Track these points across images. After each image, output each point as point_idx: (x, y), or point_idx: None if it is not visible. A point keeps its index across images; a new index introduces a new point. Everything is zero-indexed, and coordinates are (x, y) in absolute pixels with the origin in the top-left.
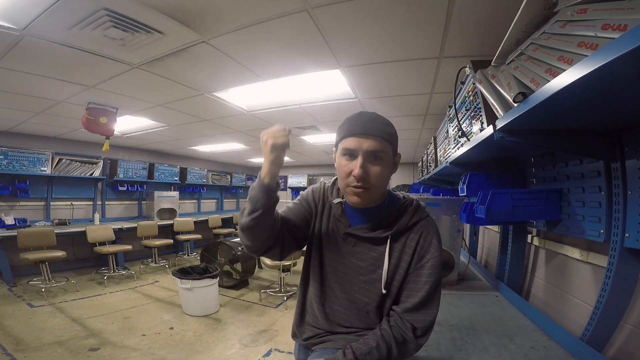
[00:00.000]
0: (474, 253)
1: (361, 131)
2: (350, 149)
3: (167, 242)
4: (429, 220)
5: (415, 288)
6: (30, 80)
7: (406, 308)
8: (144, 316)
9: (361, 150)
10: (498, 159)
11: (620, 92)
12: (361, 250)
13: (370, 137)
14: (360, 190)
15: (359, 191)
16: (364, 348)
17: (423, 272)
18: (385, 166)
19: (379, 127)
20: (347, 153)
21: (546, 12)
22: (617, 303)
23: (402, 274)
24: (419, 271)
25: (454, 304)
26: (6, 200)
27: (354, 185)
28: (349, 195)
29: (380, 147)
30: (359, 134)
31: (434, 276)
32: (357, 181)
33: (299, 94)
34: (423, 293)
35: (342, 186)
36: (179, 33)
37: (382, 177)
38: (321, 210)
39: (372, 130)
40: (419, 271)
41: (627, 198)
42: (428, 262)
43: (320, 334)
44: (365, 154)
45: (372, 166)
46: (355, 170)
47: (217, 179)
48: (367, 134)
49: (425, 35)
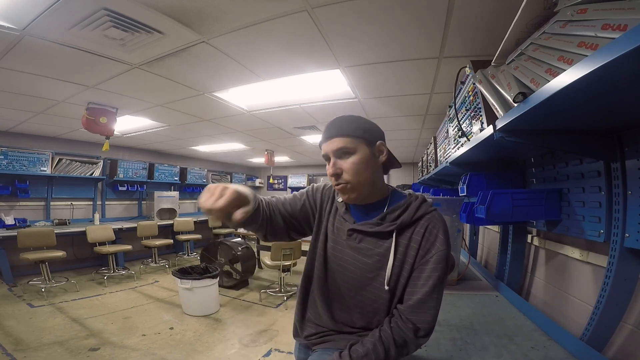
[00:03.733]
0: (474, 253)
1: (326, 137)
2: (324, 155)
3: (167, 242)
4: (435, 214)
5: (418, 284)
6: (30, 80)
7: (409, 306)
8: (144, 316)
9: (329, 151)
10: (498, 159)
11: (620, 92)
12: (367, 246)
13: (331, 138)
14: (342, 186)
15: (341, 187)
16: (361, 351)
17: (427, 268)
18: (356, 158)
19: (338, 127)
20: (325, 159)
21: (546, 12)
22: (617, 303)
23: (409, 269)
24: (423, 266)
25: (454, 304)
26: (6, 200)
27: (335, 184)
28: (340, 194)
29: (343, 144)
30: (325, 139)
31: (438, 271)
32: (334, 179)
33: (299, 94)
34: (426, 289)
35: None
36: (179, 33)
37: (358, 168)
38: (328, 209)
39: (332, 132)
40: (423, 266)
41: (627, 198)
42: (433, 257)
43: (323, 332)
44: (334, 153)
45: (343, 161)
46: (329, 169)
47: (217, 179)
48: (329, 137)
49: (425, 35)
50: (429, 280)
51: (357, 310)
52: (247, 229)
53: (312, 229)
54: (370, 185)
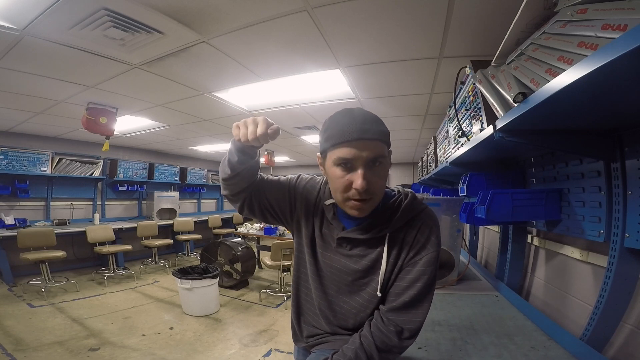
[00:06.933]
0: (474, 253)
1: (357, 137)
2: (346, 159)
3: (167, 242)
4: (427, 212)
5: (404, 286)
6: (30, 80)
7: (393, 307)
8: (144, 316)
9: (361, 159)
10: (498, 159)
11: (620, 92)
12: (358, 253)
13: (369, 142)
14: (363, 202)
15: (362, 205)
16: None
17: (415, 269)
18: (386, 170)
19: (376, 128)
20: (343, 163)
21: (546, 12)
22: (617, 303)
23: (397, 272)
24: (411, 268)
25: (454, 304)
26: (6, 200)
27: (357, 199)
28: (349, 208)
29: (380, 152)
30: (355, 140)
31: (427, 273)
32: (359, 194)
33: (299, 94)
34: (414, 292)
35: (340, 199)
36: (179, 33)
37: (384, 183)
38: (313, 210)
39: (369, 134)
40: (411, 268)
41: (627, 198)
42: (422, 259)
43: (320, 335)
44: (367, 163)
45: (374, 175)
46: (358, 182)
47: (217, 179)
48: (364, 139)
49: (425, 35)
50: (416, 283)
51: (351, 314)
52: (236, 179)
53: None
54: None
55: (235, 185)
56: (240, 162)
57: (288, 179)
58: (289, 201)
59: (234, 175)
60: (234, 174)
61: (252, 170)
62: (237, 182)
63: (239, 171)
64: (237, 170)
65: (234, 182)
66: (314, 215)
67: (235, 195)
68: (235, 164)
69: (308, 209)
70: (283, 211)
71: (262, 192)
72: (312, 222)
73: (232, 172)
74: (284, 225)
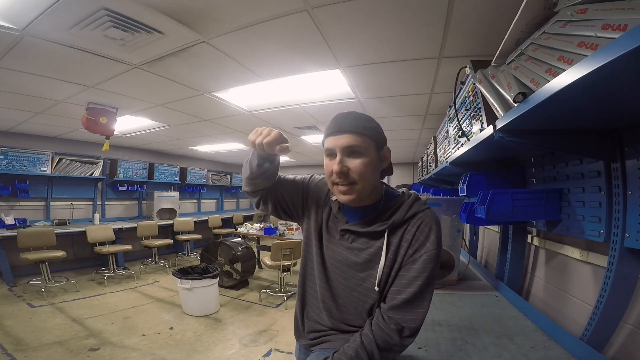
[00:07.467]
0: (474, 253)
1: (337, 129)
2: (329, 149)
3: (167, 242)
4: (429, 212)
5: (405, 284)
6: (31, 80)
7: (393, 305)
8: (144, 316)
9: (337, 147)
10: (498, 159)
11: (620, 92)
12: (359, 246)
13: (345, 132)
14: (345, 187)
15: (345, 188)
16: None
17: (414, 267)
18: (366, 160)
19: (354, 122)
20: (329, 153)
21: (546, 12)
22: (617, 303)
23: (397, 269)
24: (411, 265)
25: (454, 304)
26: (6, 200)
27: (337, 182)
28: (337, 194)
29: (355, 142)
30: (335, 132)
31: (427, 271)
32: (338, 177)
33: (299, 94)
34: (414, 289)
35: (330, 186)
36: (179, 33)
37: (365, 171)
38: (323, 205)
39: (345, 126)
40: (411, 265)
41: (627, 198)
42: (422, 257)
43: (322, 331)
44: (343, 150)
45: (351, 160)
46: (335, 166)
47: (217, 179)
48: (341, 131)
49: (426, 35)
50: (416, 280)
51: (351, 309)
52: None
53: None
54: (371, 189)
55: (256, 185)
56: (259, 165)
57: (303, 178)
58: (302, 197)
59: (255, 176)
60: (253, 176)
61: (271, 173)
62: (258, 182)
63: (259, 173)
64: (255, 172)
65: (255, 182)
66: (323, 209)
67: (255, 192)
68: (255, 166)
69: (318, 204)
70: (295, 206)
71: (279, 190)
72: (320, 215)
73: (251, 174)
74: (295, 220)
